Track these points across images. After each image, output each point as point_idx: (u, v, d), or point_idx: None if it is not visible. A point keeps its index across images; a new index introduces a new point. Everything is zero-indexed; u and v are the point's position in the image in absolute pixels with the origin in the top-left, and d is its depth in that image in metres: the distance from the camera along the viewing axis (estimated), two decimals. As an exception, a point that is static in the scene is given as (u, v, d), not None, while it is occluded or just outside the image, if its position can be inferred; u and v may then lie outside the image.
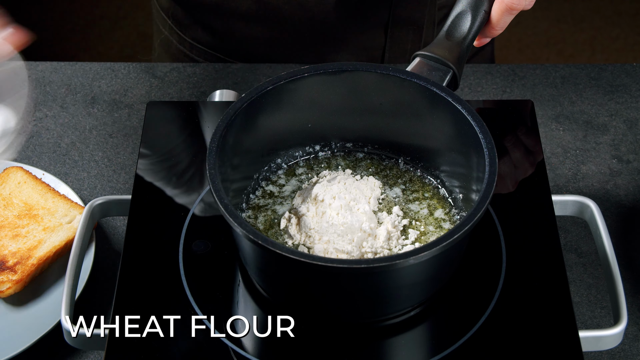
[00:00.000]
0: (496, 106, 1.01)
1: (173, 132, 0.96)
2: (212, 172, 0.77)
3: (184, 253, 0.86)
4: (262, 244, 0.73)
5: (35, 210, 1.01)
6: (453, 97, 0.83)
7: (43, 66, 1.20)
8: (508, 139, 0.94)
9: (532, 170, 0.92)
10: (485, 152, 0.79)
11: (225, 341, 0.80)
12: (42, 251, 0.97)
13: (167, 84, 1.18)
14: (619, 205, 1.05)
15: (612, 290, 0.85)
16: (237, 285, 0.84)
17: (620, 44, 2.51)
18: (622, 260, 0.99)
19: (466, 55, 0.89)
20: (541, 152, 0.93)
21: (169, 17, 1.25)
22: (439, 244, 0.73)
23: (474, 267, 0.85)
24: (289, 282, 0.81)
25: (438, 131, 0.86)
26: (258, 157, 0.89)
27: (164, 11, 1.25)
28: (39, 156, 1.10)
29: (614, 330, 0.82)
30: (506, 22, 0.90)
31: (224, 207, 0.76)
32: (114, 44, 2.48)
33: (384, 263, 0.72)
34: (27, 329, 0.92)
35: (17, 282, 0.94)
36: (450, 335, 0.80)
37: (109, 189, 1.07)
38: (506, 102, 1.02)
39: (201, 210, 0.89)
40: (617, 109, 1.15)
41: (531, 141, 0.94)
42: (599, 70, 1.19)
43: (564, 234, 1.02)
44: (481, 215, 0.75)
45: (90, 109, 1.16)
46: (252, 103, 0.83)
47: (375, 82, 0.86)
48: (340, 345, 0.80)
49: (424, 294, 0.81)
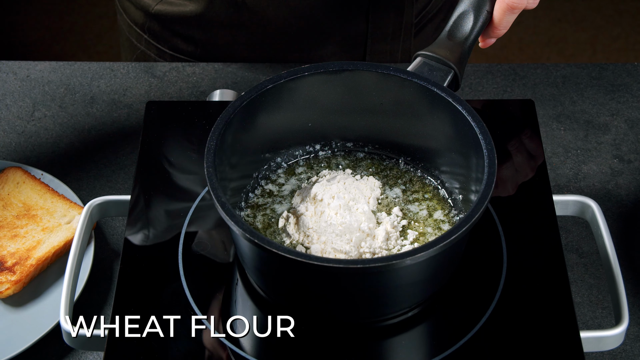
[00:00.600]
0: (497, 106, 1.01)
1: (172, 131, 0.96)
2: (210, 171, 0.77)
3: (184, 253, 0.85)
4: (258, 243, 0.73)
5: (34, 211, 1.01)
6: (454, 98, 0.83)
7: (42, 66, 1.20)
8: (512, 144, 0.94)
9: (532, 174, 0.92)
10: (485, 153, 0.79)
11: (224, 341, 0.80)
12: (41, 252, 0.97)
13: (166, 84, 1.18)
14: (620, 205, 1.05)
15: (614, 291, 0.84)
16: (236, 286, 0.84)
17: (621, 43, 2.51)
18: (623, 261, 0.99)
19: (468, 55, 0.89)
20: (542, 156, 0.93)
21: (144, 32, 1.24)
22: (436, 245, 0.73)
23: (475, 267, 0.85)
24: (286, 282, 0.81)
25: (438, 131, 0.86)
26: (258, 156, 0.89)
27: (138, 26, 1.24)
28: (38, 156, 1.10)
29: (616, 331, 0.82)
30: (509, 21, 0.89)
31: (221, 205, 0.75)
32: (113, 43, 2.48)
33: (381, 263, 0.72)
34: (26, 330, 0.92)
35: (16, 282, 0.94)
36: (450, 336, 0.80)
37: (108, 189, 1.07)
38: (507, 101, 1.01)
39: (201, 211, 0.89)
40: (619, 108, 1.15)
41: (534, 145, 0.94)
42: (600, 70, 1.19)
43: (565, 234, 1.02)
44: (479, 216, 0.75)
45: (90, 109, 1.16)
46: (252, 102, 0.83)
47: (376, 81, 0.86)
48: (339, 346, 0.80)
49: (422, 295, 0.81)
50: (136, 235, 0.87)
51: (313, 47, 1.20)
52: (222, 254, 0.86)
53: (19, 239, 0.98)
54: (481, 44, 0.92)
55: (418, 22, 1.25)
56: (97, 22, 2.55)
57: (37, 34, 2.52)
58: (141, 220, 0.88)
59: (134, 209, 0.89)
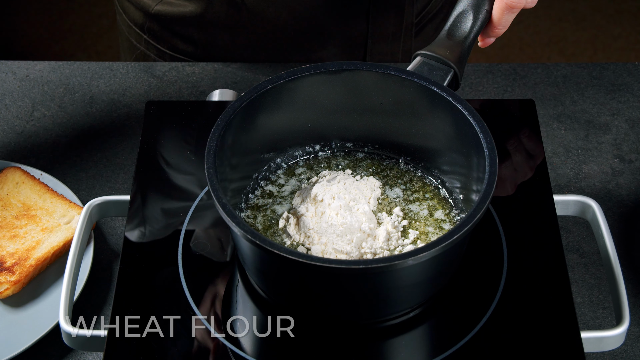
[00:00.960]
0: (497, 106, 1.00)
1: (172, 132, 0.96)
2: (211, 172, 0.77)
3: (183, 253, 0.85)
4: (259, 244, 0.73)
5: (34, 211, 1.01)
6: (454, 97, 0.83)
7: (41, 66, 1.20)
8: (511, 143, 0.94)
9: (531, 174, 0.91)
10: (486, 153, 0.79)
11: (224, 341, 0.80)
12: (40, 252, 0.97)
13: (166, 84, 1.17)
14: (621, 205, 1.05)
15: (614, 291, 0.84)
16: (236, 286, 0.84)
17: (622, 42, 2.51)
18: (624, 261, 0.98)
19: (467, 54, 0.88)
20: (542, 155, 0.93)
21: (143, 32, 1.23)
22: (438, 245, 0.73)
23: (475, 268, 0.84)
24: (287, 283, 0.80)
25: (439, 131, 0.86)
26: (257, 157, 0.88)
27: (137, 26, 1.23)
28: (37, 156, 1.10)
29: (616, 331, 0.82)
30: (508, 20, 0.89)
31: (222, 206, 0.75)
32: (112, 43, 2.48)
33: (383, 264, 0.72)
34: (26, 330, 0.92)
35: (15, 283, 0.94)
36: (451, 336, 0.80)
37: (108, 189, 1.07)
38: (507, 101, 1.01)
39: (200, 211, 0.89)
40: (619, 108, 1.15)
41: (533, 145, 0.94)
42: (600, 69, 1.19)
43: (565, 234, 1.02)
44: (480, 216, 0.75)
45: (89, 109, 1.16)
46: (252, 102, 0.83)
47: (376, 81, 0.86)
48: (340, 346, 0.80)
49: (423, 295, 0.81)
50: (136, 235, 0.87)
51: (313, 48, 1.20)
52: (222, 254, 0.86)
53: (18, 239, 0.98)
54: (480, 44, 0.92)
55: (418, 22, 1.25)
56: (97, 22, 2.55)
57: (36, 34, 2.52)
58: (141, 220, 0.88)
59: (133, 209, 0.89)
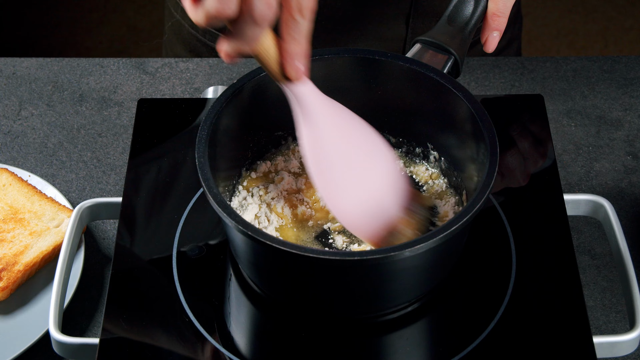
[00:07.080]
0: (504, 101, 1.01)
1: (165, 130, 0.96)
2: (202, 161, 0.78)
3: (178, 257, 0.85)
4: (251, 235, 0.73)
5: (21, 214, 1.00)
6: (454, 85, 0.83)
7: (28, 62, 1.20)
8: (514, 128, 0.94)
9: (543, 161, 0.92)
10: (487, 141, 0.79)
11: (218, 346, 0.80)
12: (28, 257, 0.96)
13: (158, 80, 1.18)
14: (634, 204, 1.04)
15: (628, 294, 0.84)
16: (230, 285, 0.84)
17: (634, 35, 2.53)
18: (638, 262, 0.98)
19: (468, 41, 0.89)
20: (550, 140, 0.93)
21: None
22: (436, 236, 0.73)
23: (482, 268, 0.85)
24: (281, 276, 0.81)
25: (438, 119, 0.86)
26: (251, 146, 0.88)
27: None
28: (25, 157, 1.10)
29: (630, 336, 0.81)
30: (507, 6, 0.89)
31: (213, 196, 0.75)
32: (102, 38, 2.49)
33: (379, 255, 0.73)
34: (14, 339, 0.91)
35: (3, 289, 0.94)
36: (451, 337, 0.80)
37: (99, 191, 1.07)
38: (515, 96, 1.02)
39: (195, 212, 0.89)
40: (632, 103, 1.15)
41: (538, 129, 0.94)
42: (612, 63, 1.19)
43: (576, 234, 1.01)
44: (480, 206, 0.75)
45: (78, 107, 1.15)
46: (244, 90, 0.83)
47: (374, 68, 0.86)
48: (336, 341, 0.80)
49: (421, 289, 0.81)
50: (128, 238, 0.87)
51: (345, 42, 1.19)
52: (217, 257, 0.86)
53: (6, 243, 0.97)
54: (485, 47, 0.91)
55: None
56: (86, 16, 2.56)
57: (23, 29, 2.52)
58: (133, 223, 0.88)
59: (125, 212, 0.89)
